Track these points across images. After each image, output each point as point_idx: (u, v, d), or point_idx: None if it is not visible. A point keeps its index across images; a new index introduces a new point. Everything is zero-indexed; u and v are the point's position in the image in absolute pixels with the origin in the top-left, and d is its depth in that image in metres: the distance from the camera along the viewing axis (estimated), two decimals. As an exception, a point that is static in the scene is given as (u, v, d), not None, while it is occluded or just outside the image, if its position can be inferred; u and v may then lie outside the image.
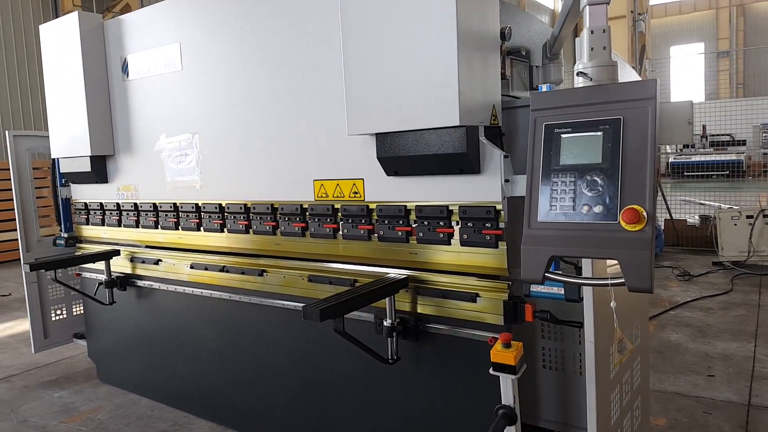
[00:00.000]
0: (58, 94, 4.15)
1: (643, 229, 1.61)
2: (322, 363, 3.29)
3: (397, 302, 2.89)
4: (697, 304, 6.63)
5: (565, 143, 1.77)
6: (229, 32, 3.39)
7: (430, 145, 2.60)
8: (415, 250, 2.88)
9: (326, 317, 2.38)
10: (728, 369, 4.71)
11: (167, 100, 3.78)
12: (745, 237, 8.13)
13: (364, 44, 2.64)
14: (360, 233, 3.03)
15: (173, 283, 3.97)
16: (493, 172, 2.57)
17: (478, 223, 2.64)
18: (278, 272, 3.40)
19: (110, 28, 4.04)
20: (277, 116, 3.25)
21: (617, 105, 1.71)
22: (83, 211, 4.52)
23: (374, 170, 2.88)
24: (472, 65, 2.49)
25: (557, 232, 1.75)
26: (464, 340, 2.76)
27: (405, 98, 2.56)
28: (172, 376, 4.15)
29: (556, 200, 1.76)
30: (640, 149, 1.65)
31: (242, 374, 3.70)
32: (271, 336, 3.49)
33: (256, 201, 3.42)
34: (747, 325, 5.77)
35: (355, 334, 2.87)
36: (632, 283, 1.62)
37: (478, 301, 2.71)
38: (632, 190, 1.64)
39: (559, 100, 1.82)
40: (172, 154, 3.80)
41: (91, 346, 4.79)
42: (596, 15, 1.82)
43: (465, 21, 2.43)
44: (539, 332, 2.88)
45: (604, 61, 1.82)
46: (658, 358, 4.98)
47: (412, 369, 2.95)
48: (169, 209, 3.88)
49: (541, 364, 2.90)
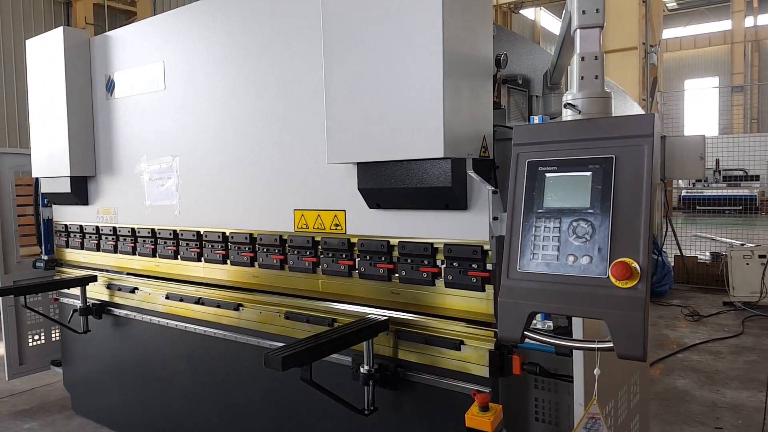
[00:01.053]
0: (41, 111, 4.01)
1: (635, 287, 1.38)
2: (298, 407, 3.06)
3: (377, 346, 2.68)
4: (706, 347, 6.34)
5: (550, 183, 1.56)
6: (213, 53, 3.24)
7: (414, 178, 2.40)
8: (398, 290, 2.67)
9: (289, 366, 2.17)
10: (737, 421, 4.42)
11: (149, 121, 3.62)
12: (757, 277, 7.84)
13: (345, 67, 2.47)
14: (340, 269, 2.82)
15: (148, 313, 3.76)
16: (482, 209, 2.37)
17: (464, 263, 2.43)
18: (255, 307, 3.19)
19: (96, 45, 3.91)
20: (258, 141, 3.08)
21: (609, 142, 1.49)
22: (63, 233, 4.35)
23: (357, 202, 2.69)
24: (460, 93, 2.31)
25: (539, 285, 1.52)
26: (447, 392, 2.54)
27: (387, 126, 2.38)
28: (145, 411, 3.92)
29: (539, 248, 1.54)
30: (635, 193, 1.43)
31: (215, 414, 3.47)
32: (246, 375, 3.27)
33: (234, 230, 3.23)
34: (758, 372, 5.48)
35: (330, 378, 2.66)
36: (622, 349, 1.39)
37: (463, 349, 2.49)
38: (624, 241, 1.42)
39: (545, 134, 1.61)
40: (152, 177, 3.62)
41: (67, 375, 4.58)
42: (587, 40, 1.61)
43: (453, 45, 2.25)
44: (532, 382, 2.64)
45: (596, 92, 1.60)
46: (663, 406, 4.69)
47: (390, 420, 2.71)
48: (147, 235, 3.69)
49: (534, 417, 2.66)
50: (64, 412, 4.60)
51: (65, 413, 4.58)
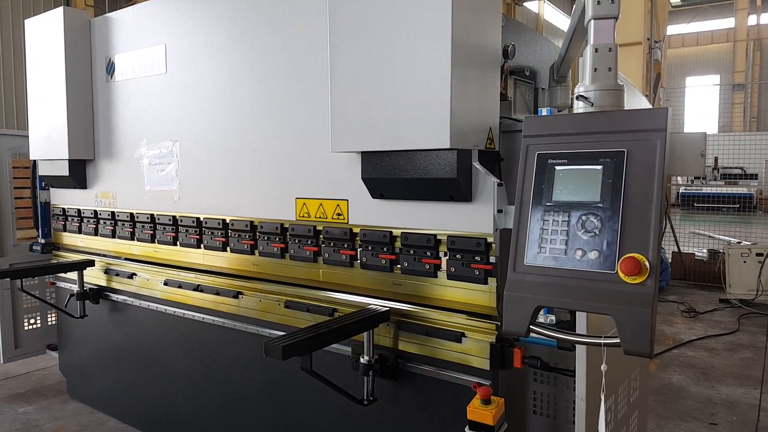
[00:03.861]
0: (40, 92, 3.96)
1: (644, 283, 1.37)
2: (297, 396, 3.05)
3: (377, 337, 2.66)
4: (702, 343, 6.34)
5: (560, 176, 1.53)
6: (216, 36, 3.20)
7: (419, 168, 2.38)
8: (399, 281, 2.65)
9: (289, 355, 2.15)
10: (732, 417, 4.43)
11: (150, 105, 3.58)
12: (754, 275, 7.84)
13: (351, 55, 2.43)
14: (342, 258, 2.80)
15: (146, 299, 3.74)
16: (486, 201, 2.35)
17: (467, 255, 2.41)
18: (254, 295, 3.17)
19: (97, 26, 3.86)
20: (261, 127, 3.05)
21: (621, 135, 1.47)
22: (61, 217, 4.31)
23: (360, 192, 2.67)
24: (467, 84, 2.27)
25: (545, 278, 1.50)
26: (447, 384, 2.52)
27: (393, 116, 2.35)
28: (141, 397, 3.91)
29: (547, 241, 1.52)
30: (646, 188, 1.41)
31: (213, 402, 3.45)
32: (245, 364, 3.25)
33: (234, 217, 3.20)
34: (753, 370, 5.48)
35: (329, 368, 2.65)
36: (629, 345, 1.37)
37: (464, 342, 2.47)
38: (634, 236, 1.40)
39: (555, 126, 1.58)
40: (152, 162, 3.59)
41: (63, 359, 4.56)
42: (602, 31, 1.58)
43: (461, 35, 2.21)
44: (531, 375, 2.63)
45: (609, 85, 1.58)
46: (658, 401, 4.70)
47: (389, 411, 2.70)
48: (146, 220, 3.66)
49: (532, 410, 2.65)
50: (60, 397, 4.58)
51: (61, 397, 4.57)
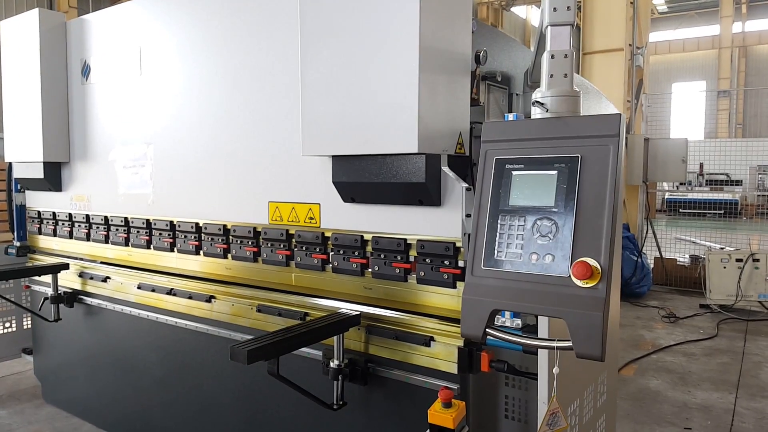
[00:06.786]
0: (15, 95, 3.93)
1: (595, 286, 1.37)
2: (268, 401, 3.04)
3: (348, 341, 2.66)
4: (681, 348, 6.38)
5: (517, 181, 1.54)
6: (190, 40, 3.19)
7: (388, 172, 2.38)
8: (370, 285, 2.65)
9: (255, 359, 2.14)
10: (706, 422, 4.46)
11: (125, 107, 3.56)
12: (733, 280, 7.91)
13: (322, 59, 2.43)
14: (314, 263, 2.80)
15: (120, 303, 3.71)
16: (455, 206, 2.36)
17: (436, 260, 2.42)
18: (227, 299, 3.16)
19: (72, 28, 3.84)
20: (234, 131, 3.04)
21: (576, 141, 1.48)
22: (36, 220, 4.28)
23: (332, 196, 2.66)
24: (436, 88, 2.28)
25: (502, 282, 1.51)
26: (416, 388, 2.52)
27: (363, 120, 2.35)
28: (116, 402, 3.88)
29: (504, 245, 1.53)
30: (599, 193, 1.42)
31: (186, 408, 3.43)
32: (217, 368, 3.24)
33: (208, 220, 3.19)
34: (729, 374, 5.53)
35: (300, 372, 2.64)
36: (580, 348, 1.38)
37: (433, 346, 2.48)
38: (586, 240, 1.41)
39: (513, 132, 1.59)
40: (126, 165, 3.57)
41: (38, 363, 4.51)
42: (558, 38, 1.59)
43: (430, 41, 2.22)
44: (503, 380, 2.63)
45: (565, 91, 1.59)
46: (635, 406, 4.72)
47: (359, 415, 2.70)
48: (120, 223, 3.64)
49: (503, 414, 2.65)
50: (35, 401, 4.53)
51: (35, 402, 4.52)
